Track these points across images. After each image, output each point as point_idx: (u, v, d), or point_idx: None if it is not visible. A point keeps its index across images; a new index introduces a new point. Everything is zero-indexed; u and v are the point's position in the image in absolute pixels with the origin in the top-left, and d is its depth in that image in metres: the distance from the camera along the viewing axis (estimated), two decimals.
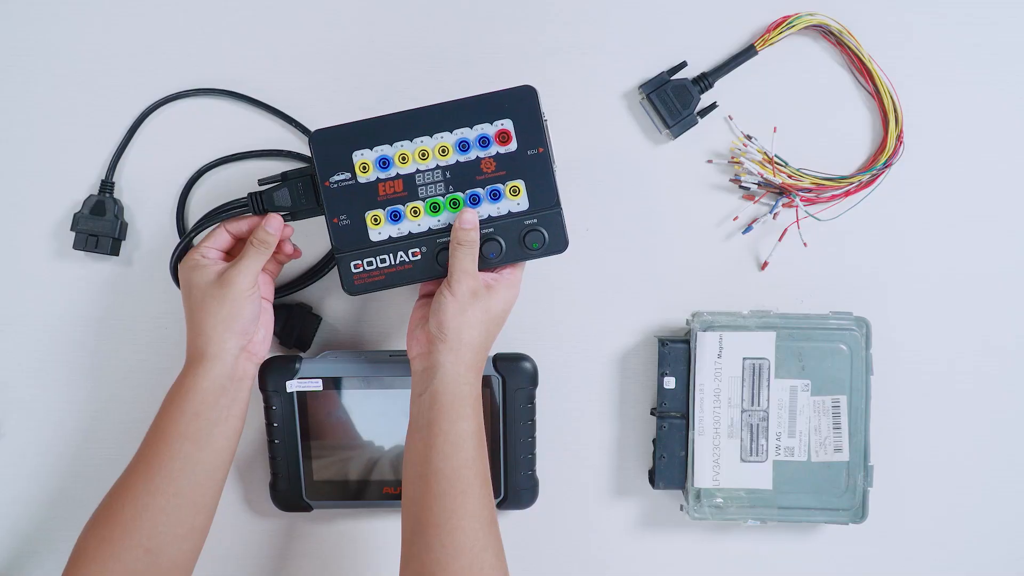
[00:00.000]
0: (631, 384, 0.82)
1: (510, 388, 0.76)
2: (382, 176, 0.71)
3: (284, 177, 0.73)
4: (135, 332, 0.82)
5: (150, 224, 0.82)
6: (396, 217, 0.71)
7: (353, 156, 0.71)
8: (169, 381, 0.80)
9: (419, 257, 0.71)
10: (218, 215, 0.75)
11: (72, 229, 0.79)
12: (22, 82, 0.81)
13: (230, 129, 0.81)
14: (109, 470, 0.82)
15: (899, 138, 0.80)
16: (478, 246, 0.70)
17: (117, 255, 0.81)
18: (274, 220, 0.71)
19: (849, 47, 0.80)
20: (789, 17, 0.80)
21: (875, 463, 0.78)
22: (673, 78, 0.80)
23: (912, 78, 0.81)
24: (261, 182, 0.73)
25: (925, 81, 0.81)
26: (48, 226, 0.81)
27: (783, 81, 0.81)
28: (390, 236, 0.71)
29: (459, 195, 0.71)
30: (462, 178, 0.71)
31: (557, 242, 0.72)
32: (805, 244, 0.81)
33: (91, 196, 0.80)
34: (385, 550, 0.82)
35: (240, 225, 0.73)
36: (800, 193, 0.80)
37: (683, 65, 0.80)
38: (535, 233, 0.71)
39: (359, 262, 0.71)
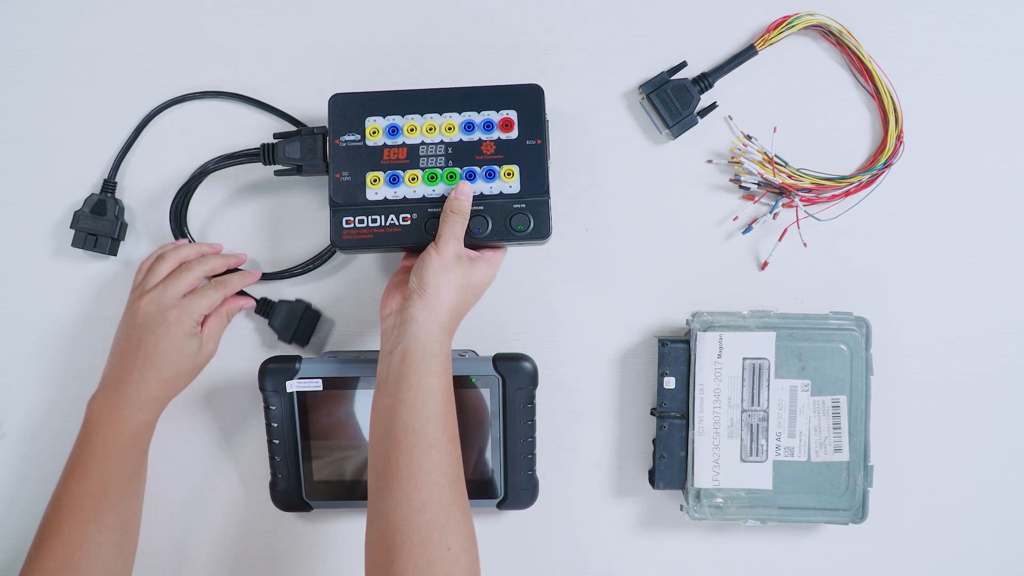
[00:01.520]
0: (631, 384, 0.82)
1: (510, 388, 0.76)
2: (389, 142, 0.75)
3: (298, 132, 0.76)
4: None
5: (150, 226, 0.82)
6: (395, 181, 0.74)
7: (366, 121, 0.75)
8: None
9: (409, 223, 0.74)
10: (227, 161, 0.78)
11: (72, 227, 0.80)
12: (27, 81, 0.81)
13: (233, 130, 0.81)
14: None
15: (899, 138, 0.80)
16: (468, 218, 0.73)
17: (116, 255, 0.81)
18: (249, 303, 0.80)
19: (849, 47, 0.80)
20: (789, 17, 0.80)
21: (875, 463, 0.78)
22: (673, 78, 0.80)
23: (912, 78, 0.81)
24: (276, 135, 0.77)
25: (925, 81, 0.81)
26: (49, 224, 0.82)
27: (783, 81, 0.81)
28: (385, 198, 0.74)
29: (457, 170, 0.74)
30: (462, 155, 0.75)
31: (541, 229, 0.74)
32: (805, 244, 0.81)
33: (92, 195, 0.80)
34: None
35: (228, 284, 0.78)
36: (800, 193, 0.80)
37: (683, 65, 0.80)
38: (522, 216, 0.74)
39: (351, 218, 0.74)
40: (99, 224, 0.79)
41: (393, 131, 0.75)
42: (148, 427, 0.74)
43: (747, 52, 0.80)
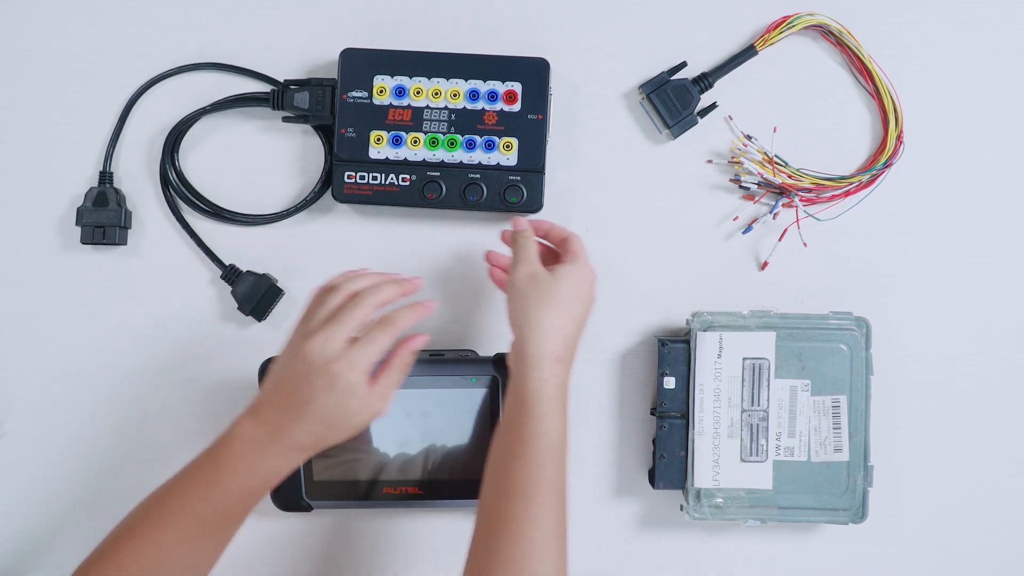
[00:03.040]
0: (631, 384, 0.82)
1: None
2: (395, 103, 0.77)
3: (308, 83, 0.78)
4: (137, 330, 0.81)
5: (153, 210, 0.82)
6: (397, 142, 0.77)
7: (374, 79, 0.77)
8: (170, 380, 0.81)
9: (408, 184, 0.78)
10: (233, 103, 0.80)
11: (78, 223, 0.80)
12: (9, 81, 0.82)
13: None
14: (110, 470, 0.82)
15: (899, 138, 0.80)
16: (533, 241, 0.71)
17: (125, 244, 0.81)
18: (424, 339, 0.67)
19: (849, 47, 0.80)
20: (789, 17, 0.80)
21: (875, 463, 0.78)
22: (673, 78, 0.80)
23: (912, 78, 0.81)
24: (287, 82, 0.79)
25: (925, 81, 0.81)
26: (50, 221, 0.82)
27: (783, 81, 0.81)
28: (387, 157, 0.77)
29: (458, 137, 0.77)
30: (464, 123, 0.77)
31: (534, 202, 0.78)
32: (805, 244, 0.81)
33: (92, 188, 0.80)
34: (385, 550, 0.82)
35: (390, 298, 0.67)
36: (800, 193, 0.80)
37: (683, 65, 0.80)
38: (516, 188, 0.77)
39: (352, 173, 0.77)
40: (104, 215, 0.80)
41: (400, 92, 0.77)
42: (279, 476, 0.66)
43: (747, 52, 0.80)
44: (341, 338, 0.63)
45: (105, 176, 0.81)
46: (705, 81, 0.80)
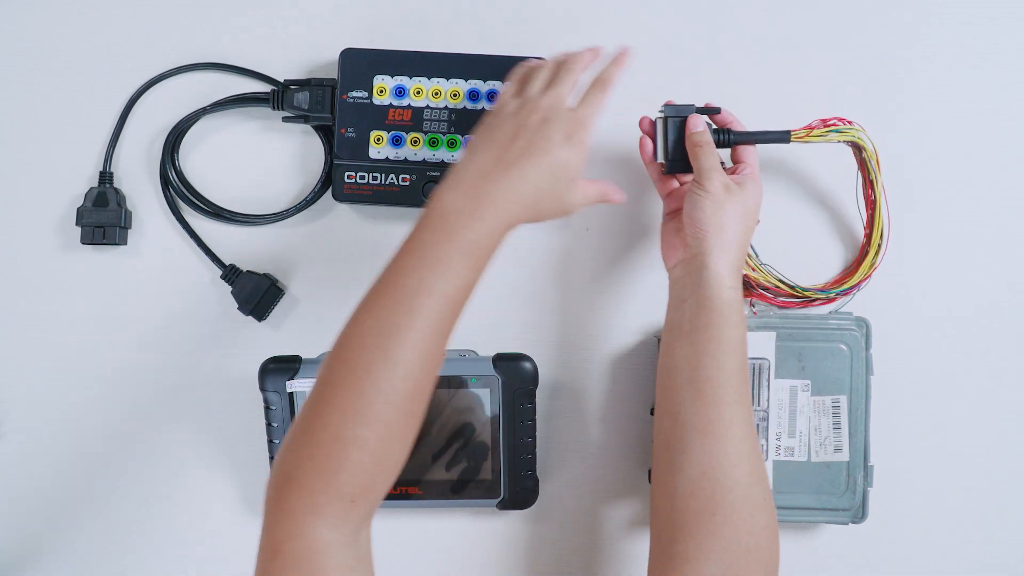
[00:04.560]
0: (631, 384, 0.82)
1: (510, 388, 0.76)
2: (395, 103, 0.77)
3: (308, 83, 0.79)
4: (137, 330, 0.82)
5: (153, 209, 0.82)
6: (398, 142, 0.77)
7: (374, 79, 0.78)
8: (170, 380, 0.81)
9: (408, 183, 0.78)
10: (233, 103, 0.80)
11: (78, 223, 0.80)
12: (7, 81, 0.82)
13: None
14: (109, 470, 0.82)
15: (870, 271, 0.79)
16: (715, 146, 0.72)
17: (125, 244, 0.81)
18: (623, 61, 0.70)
19: (869, 173, 0.77)
20: (839, 124, 0.75)
21: (875, 463, 0.78)
22: None
23: (912, 78, 0.81)
24: (287, 82, 0.79)
25: (925, 81, 0.81)
26: (50, 224, 0.82)
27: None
28: (387, 157, 0.77)
29: (458, 137, 0.78)
30: (464, 123, 0.77)
31: None
32: None
33: (92, 189, 0.80)
34: (384, 549, 0.82)
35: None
36: (759, 291, 0.79)
37: (716, 111, 0.75)
38: None
39: (353, 173, 0.78)
40: (104, 215, 0.80)
41: (400, 92, 0.77)
42: (499, 237, 0.63)
43: (781, 135, 0.74)
44: (567, 98, 0.67)
45: (105, 176, 0.81)
46: (727, 138, 0.74)
